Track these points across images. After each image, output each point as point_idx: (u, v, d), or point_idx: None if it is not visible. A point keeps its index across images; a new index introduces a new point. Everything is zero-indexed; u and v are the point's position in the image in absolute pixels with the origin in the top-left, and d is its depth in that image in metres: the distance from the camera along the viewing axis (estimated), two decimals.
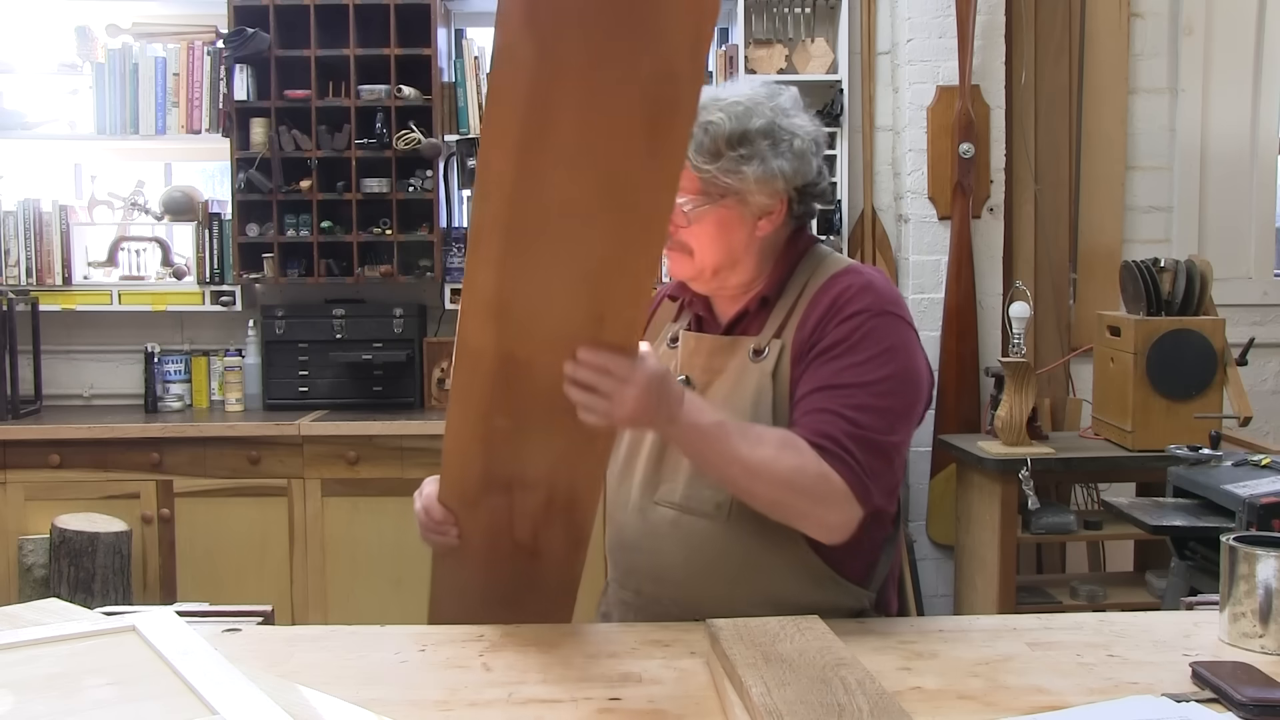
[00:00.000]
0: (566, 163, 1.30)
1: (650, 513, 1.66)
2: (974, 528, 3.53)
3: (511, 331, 1.41)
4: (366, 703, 1.26)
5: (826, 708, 1.13)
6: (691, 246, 1.62)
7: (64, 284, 3.95)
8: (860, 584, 1.65)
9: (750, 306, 1.67)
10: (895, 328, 1.58)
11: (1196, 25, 4.12)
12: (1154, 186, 4.16)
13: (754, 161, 1.57)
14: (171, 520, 3.62)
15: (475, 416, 1.48)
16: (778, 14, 4.09)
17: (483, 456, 1.52)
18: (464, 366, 1.45)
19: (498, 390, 1.46)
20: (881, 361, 1.55)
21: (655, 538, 1.65)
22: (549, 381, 1.42)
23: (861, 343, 1.55)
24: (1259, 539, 1.48)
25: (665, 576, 1.65)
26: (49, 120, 4.04)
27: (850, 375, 1.54)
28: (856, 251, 4.10)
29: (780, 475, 1.48)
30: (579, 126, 1.28)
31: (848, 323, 1.57)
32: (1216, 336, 3.29)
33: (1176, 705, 1.21)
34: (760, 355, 1.62)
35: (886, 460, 1.54)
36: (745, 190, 1.59)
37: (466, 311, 1.41)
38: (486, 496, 1.55)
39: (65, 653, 1.30)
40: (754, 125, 1.58)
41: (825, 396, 1.53)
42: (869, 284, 1.61)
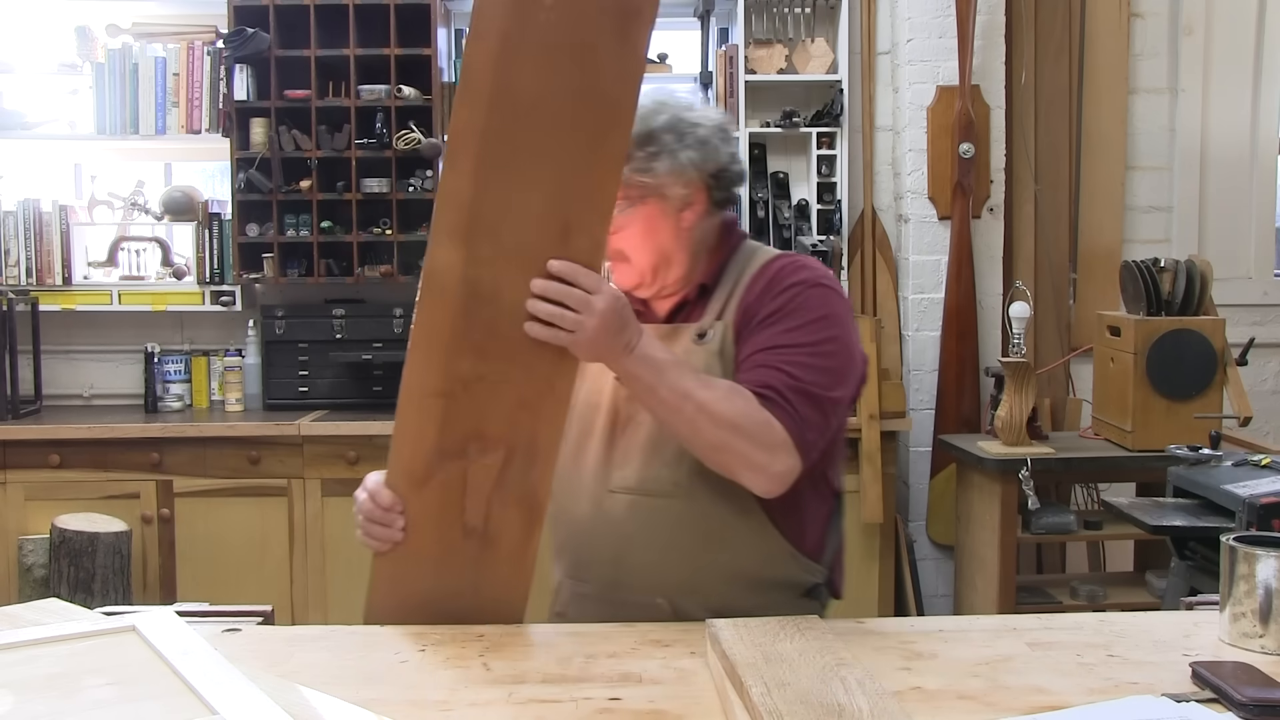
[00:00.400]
0: (543, 60, 1.41)
1: (606, 500, 1.67)
2: (974, 528, 3.53)
3: (480, 248, 1.46)
4: (366, 703, 1.26)
5: (826, 708, 1.13)
6: (626, 251, 1.69)
7: (64, 284, 3.96)
8: (813, 559, 1.70)
9: (690, 296, 1.73)
10: (831, 299, 1.66)
11: (1196, 25, 4.12)
12: (1154, 186, 4.16)
13: (662, 156, 1.65)
14: (171, 520, 3.62)
15: (438, 364, 1.49)
16: (778, 14, 4.09)
17: (440, 416, 1.50)
18: (429, 300, 1.48)
19: (461, 324, 1.47)
20: (819, 326, 1.62)
21: (613, 524, 1.66)
22: (514, 308, 1.46)
23: (799, 310, 1.63)
24: (1259, 539, 1.48)
25: (625, 561, 1.66)
26: (49, 120, 4.04)
27: (788, 338, 1.61)
28: (856, 251, 4.10)
29: (728, 416, 1.52)
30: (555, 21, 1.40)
31: (786, 293, 1.64)
32: (1216, 336, 3.29)
33: (1176, 705, 1.21)
34: (704, 338, 1.67)
35: (824, 415, 1.59)
36: (661, 185, 1.66)
37: (437, 231, 1.46)
38: (439, 468, 1.52)
39: (65, 653, 1.30)
40: (657, 123, 1.66)
41: (766, 355, 1.60)
42: (805, 262, 1.71)
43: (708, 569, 1.64)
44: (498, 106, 1.43)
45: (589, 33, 1.43)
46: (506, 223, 1.46)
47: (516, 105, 1.43)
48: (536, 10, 1.41)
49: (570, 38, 1.42)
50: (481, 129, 1.43)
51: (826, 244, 3.65)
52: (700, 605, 1.60)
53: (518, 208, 1.46)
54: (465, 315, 1.47)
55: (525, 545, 1.56)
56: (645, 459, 1.65)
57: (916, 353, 3.97)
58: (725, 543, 1.64)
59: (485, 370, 1.49)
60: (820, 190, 4.03)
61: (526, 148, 1.44)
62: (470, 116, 1.43)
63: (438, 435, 1.51)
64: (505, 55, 1.42)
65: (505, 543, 1.55)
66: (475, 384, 1.49)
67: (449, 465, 1.52)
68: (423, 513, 1.54)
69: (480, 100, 1.42)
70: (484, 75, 1.42)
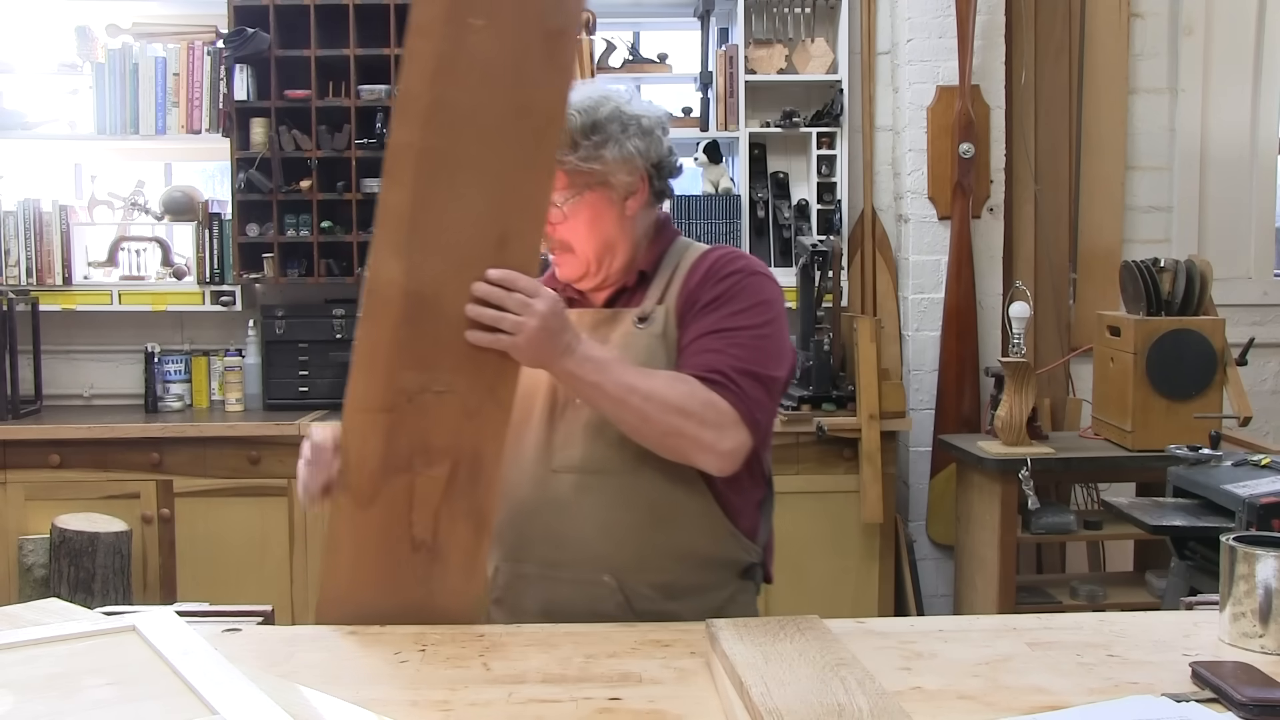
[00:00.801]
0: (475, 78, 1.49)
1: (549, 480, 1.69)
2: (974, 528, 3.53)
3: (421, 262, 1.51)
4: (366, 703, 1.26)
5: (826, 708, 1.13)
6: (570, 242, 1.73)
7: (64, 284, 3.95)
8: (750, 539, 1.75)
9: (628, 283, 1.78)
10: (768, 286, 1.73)
11: (1196, 25, 4.12)
12: (1154, 186, 4.17)
13: (610, 144, 1.71)
14: (171, 520, 3.62)
15: (381, 379, 1.52)
16: (778, 14, 4.09)
17: (385, 431, 1.52)
18: (371, 314, 1.52)
19: (405, 337, 1.51)
20: (759, 311, 1.69)
21: (557, 504, 1.68)
22: (456, 318, 1.51)
23: (739, 295, 1.69)
24: (1259, 539, 1.48)
25: (571, 541, 1.68)
26: (49, 120, 4.04)
27: (731, 321, 1.67)
28: (856, 251, 4.10)
29: (674, 401, 1.58)
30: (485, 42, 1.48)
31: (726, 280, 1.70)
32: (1216, 336, 3.29)
33: (1176, 705, 1.21)
34: (645, 321, 1.72)
35: (769, 394, 1.67)
36: (607, 172, 1.71)
37: (378, 246, 1.51)
38: (386, 483, 1.53)
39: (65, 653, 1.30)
40: (602, 114, 1.72)
41: (708, 340, 1.66)
42: (741, 253, 1.79)
43: (653, 545, 1.68)
44: (434, 123, 1.50)
45: (518, 51, 1.51)
46: (446, 234, 1.51)
47: (452, 121, 1.50)
48: (467, 32, 1.49)
49: (500, 56, 1.51)
50: (419, 145, 1.50)
51: (826, 244, 3.64)
52: (645, 582, 1.67)
53: (456, 219, 1.52)
54: (408, 327, 1.51)
55: (475, 555, 1.57)
56: (589, 439, 1.68)
57: (916, 353, 3.97)
58: (670, 519, 1.68)
59: (429, 381, 1.52)
60: (820, 190, 4.03)
61: (463, 161, 1.51)
62: (408, 133, 1.50)
63: (383, 451, 1.53)
64: (440, 74, 1.50)
65: (455, 554, 1.56)
66: (419, 396, 1.52)
67: (395, 480, 1.53)
68: (371, 529, 1.55)
69: (417, 117, 1.50)
70: (420, 94, 1.50)
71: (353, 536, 1.56)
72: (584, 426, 1.68)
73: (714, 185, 4.03)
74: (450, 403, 1.52)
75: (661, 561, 1.68)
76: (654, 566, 1.68)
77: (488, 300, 1.50)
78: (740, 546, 1.74)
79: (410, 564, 1.55)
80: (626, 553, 1.67)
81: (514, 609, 1.74)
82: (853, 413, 3.61)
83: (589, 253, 1.74)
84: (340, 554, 1.57)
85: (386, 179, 1.51)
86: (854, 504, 3.59)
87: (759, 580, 1.80)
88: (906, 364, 4.01)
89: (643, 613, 1.66)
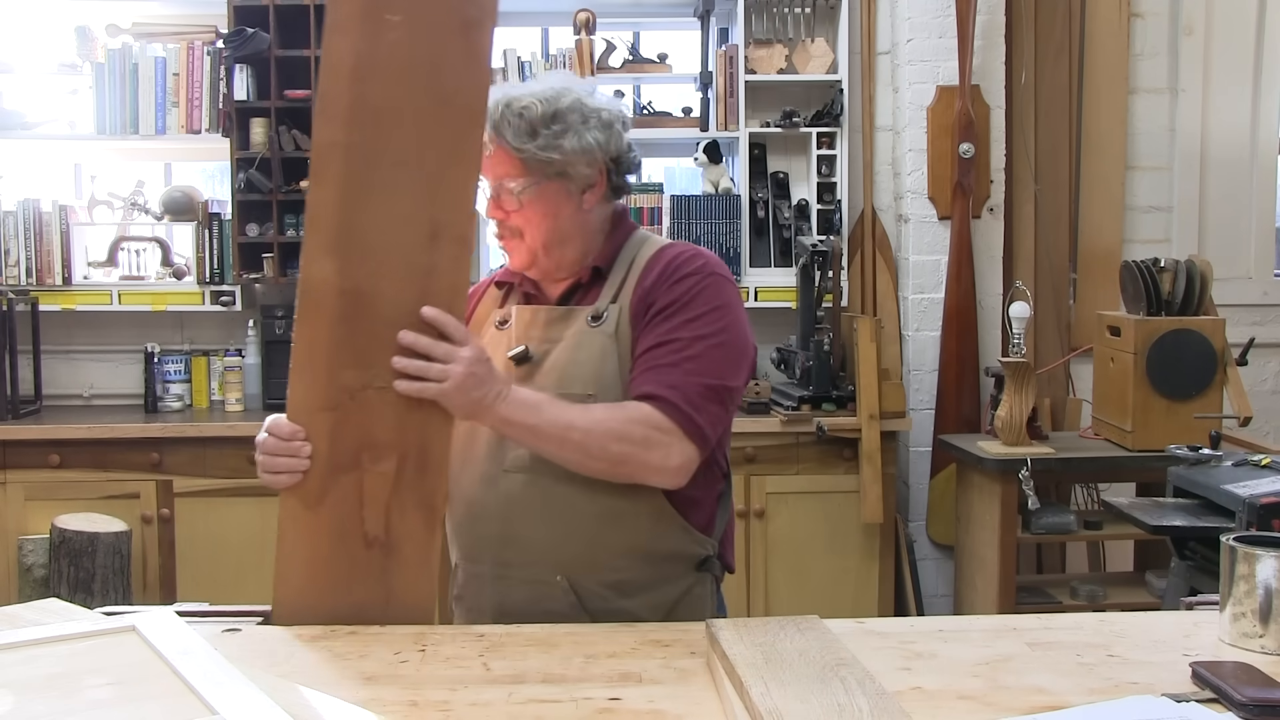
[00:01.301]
0: (394, 74, 1.50)
1: (501, 480, 1.69)
2: (974, 528, 3.53)
3: (353, 259, 1.51)
4: (366, 703, 1.26)
5: (826, 708, 1.13)
6: (522, 229, 1.73)
7: (64, 284, 3.95)
8: (705, 533, 1.75)
9: (583, 278, 1.77)
10: (724, 289, 1.71)
11: (1196, 25, 4.12)
12: (1154, 186, 4.17)
13: (569, 135, 1.70)
14: (171, 520, 3.62)
15: (322, 378, 1.52)
16: (778, 14, 4.09)
17: (329, 430, 1.53)
18: (307, 316, 1.52)
19: (343, 335, 1.52)
20: (715, 317, 1.68)
21: (509, 504, 1.68)
22: (393, 314, 1.51)
23: (694, 301, 1.68)
24: (1259, 539, 1.48)
25: (523, 541, 1.68)
26: (49, 120, 4.04)
27: (684, 330, 1.66)
28: (856, 251, 4.10)
29: (614, 430, 1.59)
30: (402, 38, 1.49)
31: (682, 283, 1.69)
32: (1216, 336, 3.29)
33: (1176, 705, 1.21)
34: (599, 320, 1.71)
35: (720, 402, 1.67)
36: (566, 163, 1.70)
37: (309, 247, 1.52)
38: (334, 483, 1.54)
39: (65, 653, 1.30)
40: (563, 104, 1.71)
41: (660, 352, 1.66)
42: (698, 251, 1.76)
43: (603, 544, 1.68)
44: (356, 121, 1.51)
45: (435, 45, 1.52)
46: (376, 231, 1.52)
47: (374, 118, 1.51)
48: (384, 29, 1.50)
49: (418, 51, 1.51)
50: (343, 144, 1.51)
51: (826, 244, 3.64)
52: (597, 581, 1.68)
53: (385, 216, 1.52)
54: (345, 326, 1.52)
55: (428, 547, 1.58)
56: None
57: (916, 353, 3.97)
58: (620, 518, 1.67)
59: (370, 378, 1.52)
60: (820, 190, 4.03)
61: (388, 158, 1.52)
62: (331, 133, 1.51)
63: (329, 450, 1.54)
64: (358, 72, 1.51)
65: (409, 548, 1.57)
66: (361, 393, 1.52)
67: (343, 479, 1.54)
68: (321, 529, 1.56)
69: (338, 117, 1.51)
70: (340, 93, 1.51)
71: (304, 538, 1.56)
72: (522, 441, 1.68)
73: (714, 185, 4.03)
74: (393, 397, 1.53)
75: (612, 560, 1.68)
76: (605, 565, 1.68)
77: (414, 348, 1.51)
78: (693, 540, 1.74)
79: (365, 560, 1.56)
80: (577, 552, 1.67)
81: (472, 607, 1.76)
82: (853, 413, 3.61)
83: (538, 242, 1.73)
84: (292, 556, 1.58)
85: (313, 179, 1.53)
86: (854, 504, 3.59)
87: (717, 572, 1.79)
88: (906, 364, 4.01)
89: (595, 611, 1.67)
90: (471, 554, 1.76)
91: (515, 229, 1.73)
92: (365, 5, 1.50)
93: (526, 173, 1.70)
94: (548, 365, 1.71)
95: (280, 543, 1.58)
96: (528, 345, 1.73)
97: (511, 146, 1.69)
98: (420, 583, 1.58)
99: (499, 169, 1.71)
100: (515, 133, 1.69)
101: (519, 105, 1.69)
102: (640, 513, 1.68)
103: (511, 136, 1.69)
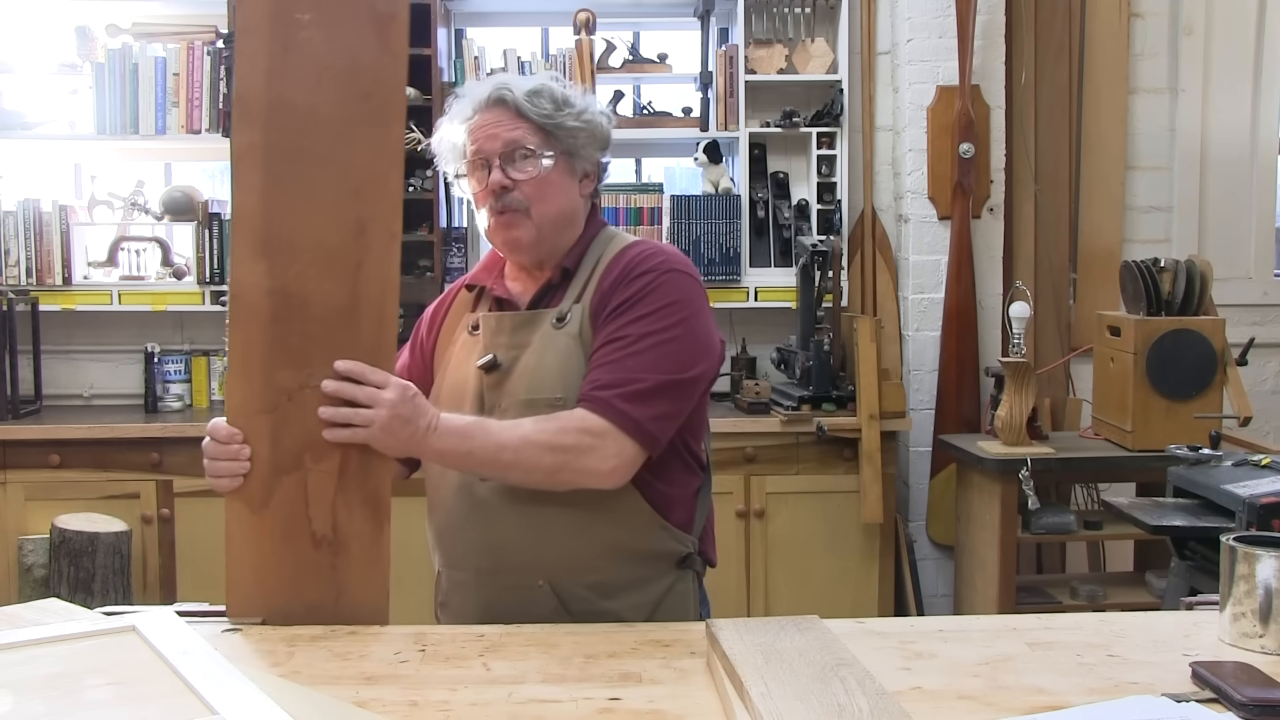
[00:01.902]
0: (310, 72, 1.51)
1: (476, 489, 1.68)
2: (974, 528, 3.53)
3: (281, 260, 1.52)
4: (366, 703, 1.26)
5: (826, 708, 1.13)
6: (530, 200, 1.70)
7: (64, 284, 3.95)
8: (684, 529, 1.75)
9: (553, 279, 1.76)
10: (682, 283, 1.70)
11: (1196, 25, 4.12)
12: (1154, 186, 4.17)
13: (585, 116, 1.73)
14: (171, 520, 3.62)
15: (259, 381, 1.53)
16: (778, 14, 4.09)
17: (270, 433, 1.53)
18: (239, 320, 1.54)
19: (276, 336, 1.53)
20: (668, 312, 1.66)
21: (486, 512, 1.68)
22: (325, 312, 1.52)
23: (648, 296, 1.67)
24: (1259, 539, 1.48)
25: (502, 548, 1.68)
26: (49, 120, 4.04)
27: (634, 327, 1.65)
28: (856, 251, 4.10)
29: (545, 442, 1.58)
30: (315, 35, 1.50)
31: (636, 281, 1.69)
32: (1216, 336, 3.29)
33: (1176, 705, 1.21)
34: (562, 321, 1.71)
35: (670, 398, 1.64)
36: (579, 145, 1.73)
37: (236, 250, 1.53)
38: (278, 485, 1.54)
39: (65, 653, 1.30)
40: (573, 94, 1.75)
41: (609, 349, 1.65)
42: (659, 249, 1.75)
43: (582, 547, 1.67)
44: (274, 122, 1.52)
45: (349, 41, 1.53)
46: (302, 230, 1.53)
47: (292, 117, 1.52)
48: (295, 28, 1.51)
49: (332, 48, 1.52)
50: (263, 145, 1.52)
51: (826, 244, 3.64)
52: (578, 583, 1.68)
53: (311, 214, 1.53)
54: (278, 327, 1.53)
55: (377, 543, 1.58)
56: None
57: (916, 353, 3.97)
58: (597, 520, 1.67)
59: (306, 377, 1.53)
60: (820, 190, 4.03)
61: (309, 156, 1.52)
62: (249, 135, 1.52)
63: (270, 452, 1.54)
64: (273, 72, 1.52)
65: (357, 545, 1.57)
66: (299, 393, 1.53)
67: (287, 480, 1.55)
68: (268, 531, 1.56)
69: (256, 118, 1.52)
70: (256, 94, 1.52)
71: (252, 540, 1.56)
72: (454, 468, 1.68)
73: (714, 185, 4.03)
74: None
75: (592, 562, 1.68)
76: (585, 568, 1.68)
77: (339, 395, 1.51)
78: (673, 538, 1.73)
79: (314, 560, 1.56)
80: (556, 556, 1.67)
81: (457, 614, 1.76)
82: (853, 413, 3.61)
83: (546, 217, 1.72)
84: (241, 559, 1.58)
85: (235, 183, 1.53)
86: (854, 504, 3.59)
87: (698, 568, 1.79)
88: (906, 364, 4.01)
89: (579, 614, 1.67)
90: (453, 561, 1.76)
91: (523, 202, 1.70)
92: (274, 5, 1.51)
93: (543, 143, 1.70)
94: (517, 371, 1.70)
95: (229, 546, 1.58)
96: (495, 353, 1.72)
97: (534, 114, 1.69)
98: (371, 579, 1.58)
99: (515, 135, 1.69)
100: (536, 106, 1.70)
101: (530, 87, 1.71)
102: (616, 514, 1.68)
103: (533, 108, 1.69)
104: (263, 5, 1.51)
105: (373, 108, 1.53)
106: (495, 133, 1.70)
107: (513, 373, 1.70)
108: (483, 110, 1.72)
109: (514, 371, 1.71)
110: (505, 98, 1.70)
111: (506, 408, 1.68)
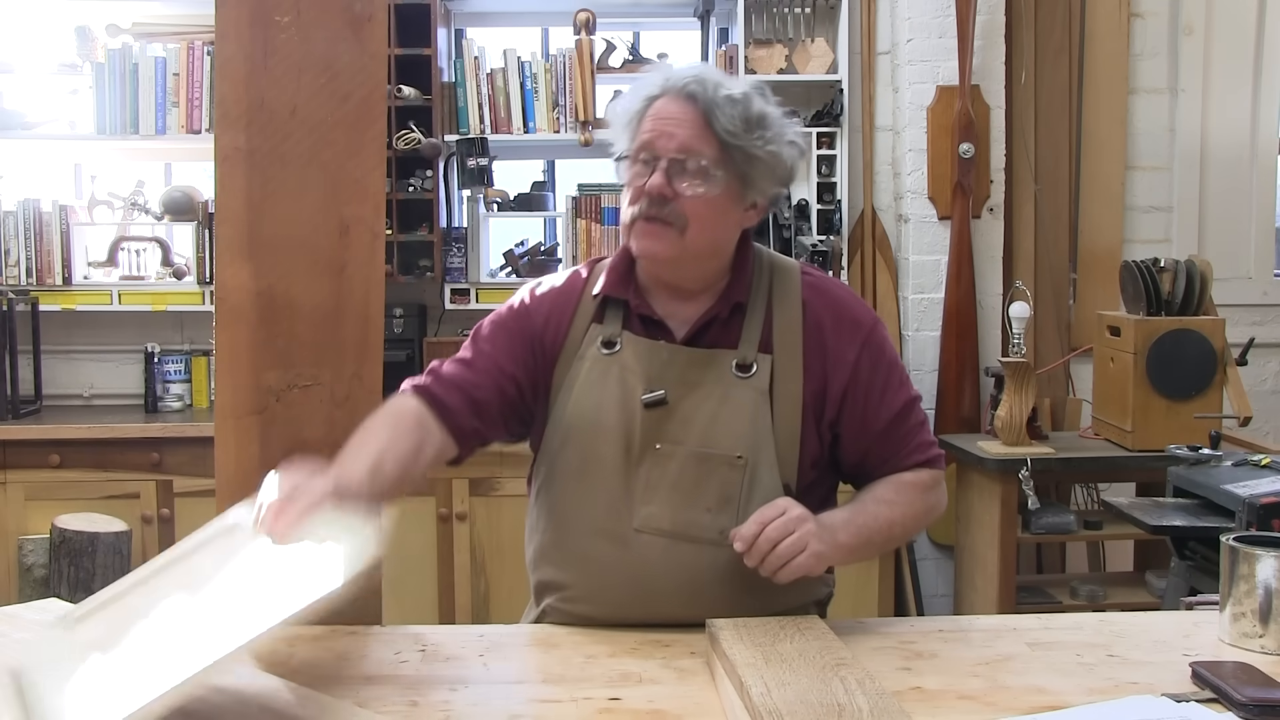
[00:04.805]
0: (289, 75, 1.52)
1: (631, 539, 1.55)
2: (974, 528, 3.53)
3: (266, 262, 1.54)
4: (366, 703, 1.26)
5: (826, 708, 1.13)
6: (688, 219, 1.53)
7: (64, 284, 3.95)
8: (830, 570, 1.71)
9: (721, 313, 1.60)
10: (884, 330, 1.70)
11: (1196, 25, 4.12)
12: (1154, 186, 4.16)
13: (772, 144, 1.55)
14: (171, 520, 3.62)
15: (246, 381, 1.55)
16: (778, 14, 4.09)
17: (259, 433, 1.55)
18: (226, 322, 1.56)
19: (262, 337, 1.54)
20: (901, 367, 1.72)
21: (643, 565, 1.55)
22: (310, 312, 1.54)
23: (891, 362, 1.68)
24: (1259, 539, 1.48)
25: (655, 600, 1.56)
26: (49, 120, 4.04)
27: (903, 394, 1.68)
28: (856, 251, 4.10)
29: (915, 512, 1.66)
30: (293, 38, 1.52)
31: (870, 348, 1.64)
32: (1216, 336, 3.29)
33: (1176, 705, 1.21)
34: (748, 371, 1.57)
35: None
36: (754, 175, 1.56)
37: (221, 253, 1.55)
38: None
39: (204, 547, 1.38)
40: (770, 110, 1.57)
41: (901, 419, 1.68)
42: (837, 287, 1.72)
43: (743, 607, 1.50)
44: (256, 124, 1.54)
45: (327, 43, 1.54)
46: (286, 232, 1.55)
47: (274, 120, 1.54)
48: (274, 31, 1.53)
49: (311, 50, 1.54)
50: (245, 148, 1.54)
51: (826, 244, 3.64)
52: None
53: (294, 216, 1.55)
54: (264, 328, 1.55)
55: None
56: (676, 505, 1.55)
57: (916, 353, 3.97)
58: (765, 583, 1.48)
59: (293, 377, 1.56)
60: (820, 190, 4.03)
61: (291, 158, 1.54)
62: (232, 138, 1.55)
63: (260, 453, 1.57)
64: (253, 76, 1.54)
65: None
66: (287, 393, 1.56)
67: None
68: None
69: (238, 122, 1.54)
70: (237, 98, 1.54)
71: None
72: (672, 483, 1.54)
73: None
74: (318, 395, 1.56)
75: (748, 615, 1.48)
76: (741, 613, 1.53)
77: (770, 538, 1.42)
78: (824, 584, 1.70)
79: None
80: (713, 610, 1.48)
81: None
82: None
83: (699, 242, 1.55)
84: None
85: (219, 186, 1.55)
86: None
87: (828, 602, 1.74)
88: (906, 364, 4.00)
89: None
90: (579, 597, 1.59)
91: (681, 218, 1.53)
92: (253, 8, 1.53)
93: (724, 161, 1.53)
94: (683, 415, 1.55)
95: None
96: (665, 389, 1.55)
97: (721, 127, 1.51)
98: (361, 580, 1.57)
99: (693, 143, 1.52)
100: (727, 117, 1.51)
101: (730, 92, 1.53)
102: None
103: (723, 119, 1.51)
104: (241, 9, 1.54)
105: (352, 108, 1.55)
106: (674, 131, 1.52)
107: (677, 415, 1.55)
108: (670, 96, 1.54)
109: (679, 414, 1.55)
110: (697, 94, 1.52)
111: (669, 454, 1.54)
